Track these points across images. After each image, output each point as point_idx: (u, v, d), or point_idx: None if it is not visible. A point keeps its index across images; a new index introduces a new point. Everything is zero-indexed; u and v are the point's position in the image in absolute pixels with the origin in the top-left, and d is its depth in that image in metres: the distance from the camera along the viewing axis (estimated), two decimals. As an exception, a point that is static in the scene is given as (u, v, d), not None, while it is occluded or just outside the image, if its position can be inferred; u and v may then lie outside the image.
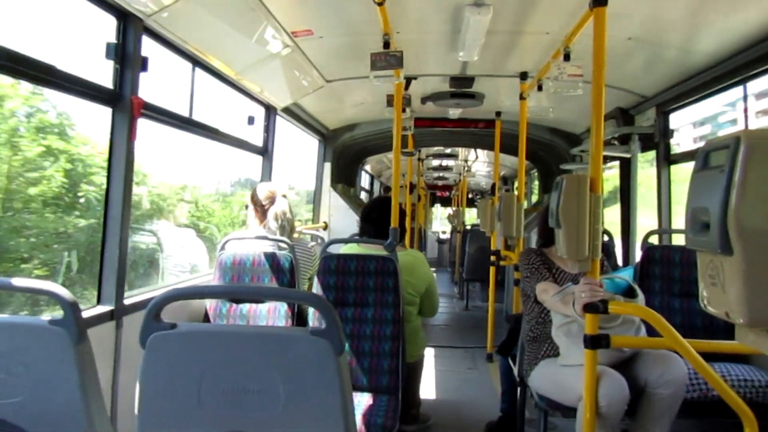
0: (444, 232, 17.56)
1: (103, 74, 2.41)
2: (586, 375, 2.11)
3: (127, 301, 2.49)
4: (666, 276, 3.10)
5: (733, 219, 1.01)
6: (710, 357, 2.53)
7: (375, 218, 3.17)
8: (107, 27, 2.41)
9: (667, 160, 4.11)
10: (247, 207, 3.28)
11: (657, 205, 4.18)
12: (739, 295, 1.02)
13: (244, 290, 2.41)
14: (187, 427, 1.27)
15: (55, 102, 3.05)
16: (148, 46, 2.60)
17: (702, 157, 1.13)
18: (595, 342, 2.06)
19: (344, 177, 6.94)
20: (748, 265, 1.01)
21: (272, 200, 3.20)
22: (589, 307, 2.05)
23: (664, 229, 4.10)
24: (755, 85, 3.24)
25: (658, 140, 4.12)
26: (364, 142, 6.67)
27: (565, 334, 2.52)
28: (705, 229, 1.08)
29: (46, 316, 1.30)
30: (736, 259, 1.02)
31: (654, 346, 2.34)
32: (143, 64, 2.50)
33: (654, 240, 3.79)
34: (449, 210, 16.36)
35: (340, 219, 6.18)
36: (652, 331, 2.20)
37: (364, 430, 2.33)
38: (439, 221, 21.55)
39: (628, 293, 2.40)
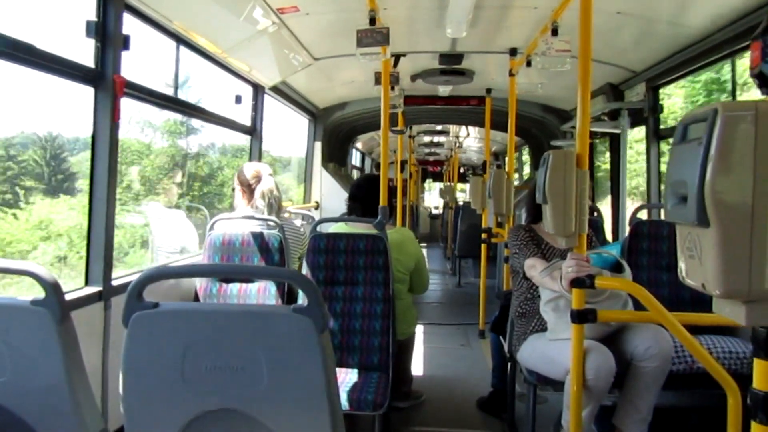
0: (436, 208, 17.58)
1: (85, 53, 2.38)
2: (574, 349, 2.13)
3: (115, 282, 2.49)
4: (654, 250, 3.11)
5: (710, 191, 1.02)
6: (697, 330, 2.56)
7: (362, 197, 3.15)
8: (87, 4, 2.37)
9: (656, 135, 4.10)
10: (233, 189, 3.24)
11: (646, 180, 4.19)
12: (715, 266, 1.03)
13: (225, 269, 2.39)
14: (172, 406, 1.28)
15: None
16: (130, 24, 2.56)
17: (681, 130, 1.13)
18: (582, 317, 2.08)
19: (335, 156, 6.90)
20: (724, 237, 1.02)
21: (259, 179, 3.18)
22: (575, 282, 2.06)
23: (653, 203, 4.11)
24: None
25: (647, 115, 4.11)
26: (354, 120, 6.63)
27: (553, 309, 2.54)
28: (683, 202, 1.09)
29: (27, 297, 1.30)
30: (713, 231, 1.03)
31: (640, 319, 2.35)
32: (125, 42, 2.46)
33: (643, 215, 3.80)
34: (441, 186, 16.36)
35: (332, 198, 6.16)
36: (639, 305, 2.22)
37: (355, 406, 2.35)
38: (436, 193, 21.32)
39: (616, 268, 2.41)
